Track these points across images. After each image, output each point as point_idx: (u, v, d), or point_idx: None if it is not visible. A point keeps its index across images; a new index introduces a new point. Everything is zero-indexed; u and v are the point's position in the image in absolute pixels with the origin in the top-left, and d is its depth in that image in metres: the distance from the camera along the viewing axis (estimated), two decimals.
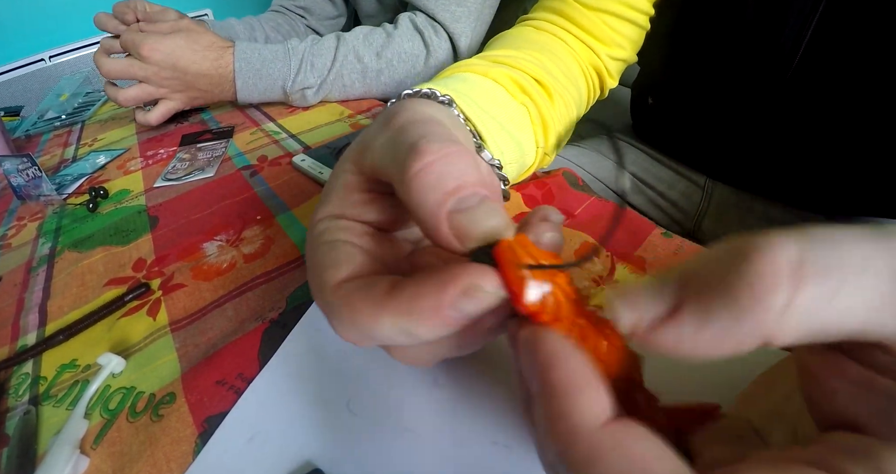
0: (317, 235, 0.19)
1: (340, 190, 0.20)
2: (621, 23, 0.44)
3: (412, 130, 0.17)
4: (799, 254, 0.11)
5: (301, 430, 0.23)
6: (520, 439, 0.21)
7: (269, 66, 0.61)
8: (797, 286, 0.11)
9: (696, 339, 0.12)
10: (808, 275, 0.11)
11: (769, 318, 0.11)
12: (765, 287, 0.11)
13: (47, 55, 1.57)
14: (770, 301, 0.11)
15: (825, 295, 0.11)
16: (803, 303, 0.11)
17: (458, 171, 0.15)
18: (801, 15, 0.39)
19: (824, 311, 0.11)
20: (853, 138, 0.41)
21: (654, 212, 0.58)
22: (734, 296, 0.11)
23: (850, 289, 0.11)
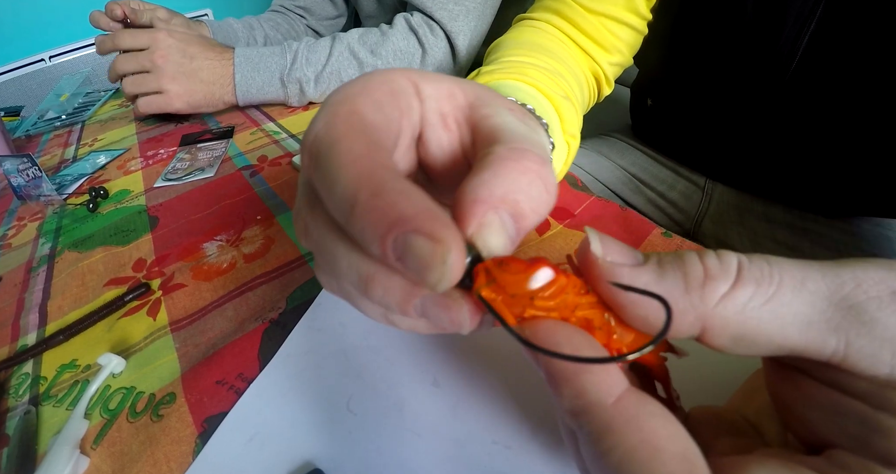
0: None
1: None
2: (621, 27, 0.44)
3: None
4: (740, 263, 0.13)
5: (301, 430, 0.23)
6: (520, 439, 0.21)
7: (266, 60, 0.62)
8: (737, 282, 0.12)
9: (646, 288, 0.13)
10: (746, 277, 0.12)
11: (709, 301, 0.12)
12: (710, 275, 0.12)
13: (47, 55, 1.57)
14: (714, 286, 0.12)
15: (760, 296, 0.12)
16: (740, 296, 0.12)
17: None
18: (799, 18, 0.39)
19: (757, 312, 0.12)
20: (852, 139, 0.41)
21: (653, 212, 0.58)
22: (685, 271, 0.13)
23: (785, 299, 0.12)
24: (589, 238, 0.14)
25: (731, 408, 0.17)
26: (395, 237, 0.11)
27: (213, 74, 0.62)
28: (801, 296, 0.12)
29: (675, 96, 0.53)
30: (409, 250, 0.11)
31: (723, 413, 0.17)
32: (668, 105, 0.55)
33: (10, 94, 1.51)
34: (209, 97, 0.63)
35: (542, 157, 0.14)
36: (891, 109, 0.37)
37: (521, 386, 0.23)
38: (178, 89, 0.61)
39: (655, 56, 0.51)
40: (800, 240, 0.48)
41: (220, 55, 0.63)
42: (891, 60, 0.36)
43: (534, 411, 0.22)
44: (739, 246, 0.52)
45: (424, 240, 0.11)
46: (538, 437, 0.21)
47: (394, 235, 0.11)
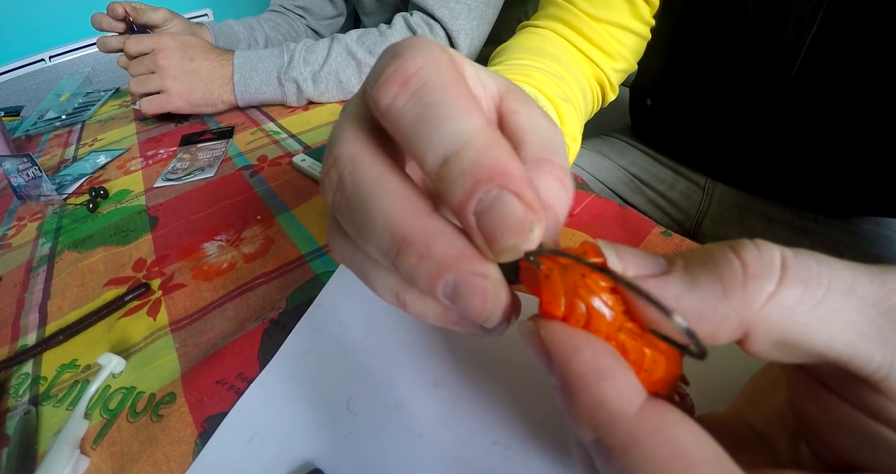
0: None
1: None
2: (626, 34, 0.44)
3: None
4: (784, 259, 0.11)
5: (301, 430, 0.23)
6: (520, 439, 0.21)
7: (264, 61, 0.63)
8: (784, 281, 0.11)
9: (678, 302, 0.12)
10: (793, 276, 0.11)
11: (752, 303, 0.11)
12: (753, 274, 0.11)
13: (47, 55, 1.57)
14: (758, 286, 0.11)
15: (808, 299, 0.11)
16: (787, 298, 0.11)
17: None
18: (800, 22, 0.39)
19: (806, 316, 0.11)
20: (852, 139, 0.41)
21: (654, 212, 0.58)
22: (720, 272, 0.11)
23: (834, 304, 0.11)
24: (604, 253, 0.13)
25: (735, 415, 0.16)
26: (493, 189, 0.11)
27: (212, 74, 0.63)
28: (850, 302, 0.11)
29: (676, 97, 0.53)
30: (498, 206, 0.11)
31: (726, 422, 0.16)
32: (667, 105, 0.55)
33: (10, 93, 1.51)
34: (208, 96, 0.64)
35: (563, 166, 0.15)
36: (891, 110, 0.37)
37: (522, 386, 0.23)
38: (178, 88, 0.63)
39: (656, 57, 0.51)
40: (800, 239, 0.48)
41: (220, 56, 0.64)
42: (891, 62, 0.36)
43: (534, 411, 0.22)
44: None
45: (518, 203, 0.11)
46: (538, 437, 0.21)
47: (493, 187, 0.11)
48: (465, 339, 0.26)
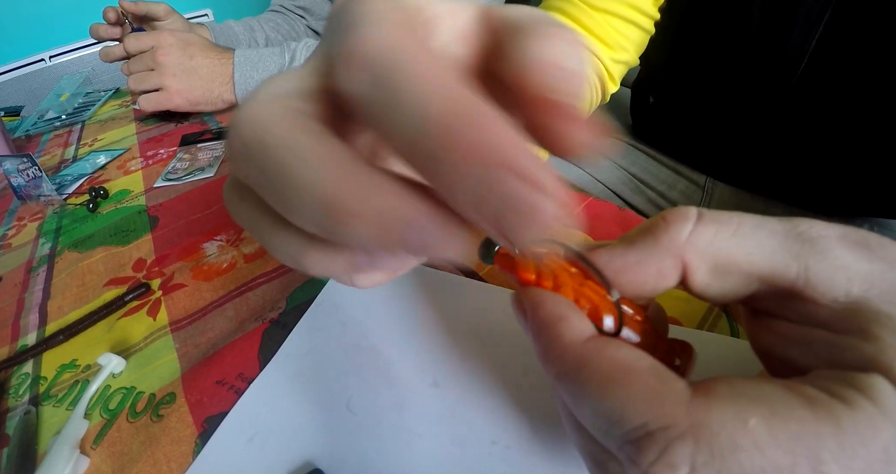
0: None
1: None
2: (626, 25, 0.43)
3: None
4: (700, 212, 0.15)
5: (301, 430, 0.23)
6: (520, 439, 0.21)
7: (265, 60, 0.63)
8: (699, 222, 0.14)
9: (623, 258, 0.15)
10: (707, 219, 0.14)
11: (678, 238, 0.14)
12: (673, 220, 0.15)
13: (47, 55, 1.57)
14: (677, 227, 0.14)
15: (724, 231, 0.14)
16: (706, 231, 0.14)
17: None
18: (807, 22, 0.39)
19: (726, 242, 0.14)
20: (855, 140, 0.41)
21: (654, 212, 0.58)
22: (650, 230, 0.15)
23: (748, 232, 0.14)
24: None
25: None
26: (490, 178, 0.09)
27: (211, 72, 0.63)
28: (761, 230, 0.14)
29: (679, 94, 0.53)
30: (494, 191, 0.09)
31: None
32: (670, 102, 0.55)
33: (10, 93, 1.51)
34: (207, 94, 0.64)
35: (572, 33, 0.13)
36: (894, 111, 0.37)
37: (522, 386, 0.23)
38: (177, 86, 0.62)
39: (659, 54, 0.51)
40: None
41: (220, 55, 0.64)
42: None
43: (534, 411, 0.22)
44: None
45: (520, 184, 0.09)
46: (538, 437, 0.21)
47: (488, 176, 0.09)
48: (465, 339, 0.26)
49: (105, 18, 0.69)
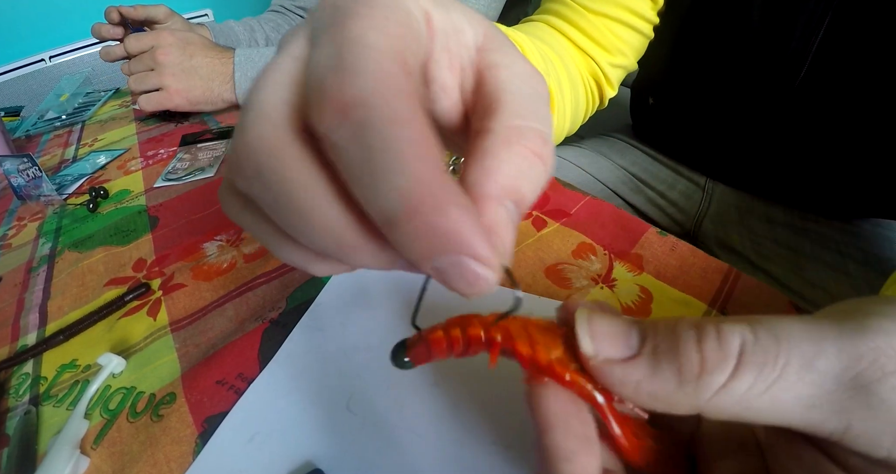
0: None
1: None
2: (624, 29, 0.43)
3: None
4: (743, 345, 0.12)
5: (301, 430, 0.23)
6: (520, 439, 0.21)
7: (266, 59, 0.63)
8: (736, 370, 0.12)
9: (638, 386, 0.13)
10: (747, 363, 0.12)
11: (703, 394, 0.12)
12: (707, 367, 0.12)
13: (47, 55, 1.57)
14: (707, 380, 0.12)
15: (760, 383, 0.11)
16: (737, 388, 0.12)
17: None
18: (808, 26, 0.38)
19: (756, 400, 0.12)
20: (857, 142, 0.41)
21: (654, 212, 0.58)
22: (680, 363, 0.12)
23: (787, 384, 0.11)
24: (579, 335, 0.14)
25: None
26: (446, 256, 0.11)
27: (212, 72, 0.63)
28: (806, 377, 0.11)
29: (678, 96, 0.53)
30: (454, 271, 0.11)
31: (736, 427, 0.16)
32: (670, 104, 0.55)
33: (10, 94, 1.51)
34: (208, 94, 0.64)
35: (542, 134, 0.14)
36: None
37: (522, 386, 0.23)
38: (177, 85, 0.62)
39: (659, 55, 0.51)
40: (800, 240, 0.48)
41: (221, 54, 0.64)
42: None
43: None
44: (740, 246, 0.52)
45: (475, 265, 0.11)
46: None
47: (446, 254, 0.11)
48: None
49: (107, 18, 0.69)
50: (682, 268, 0.29)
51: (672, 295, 0.28)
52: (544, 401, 0.14)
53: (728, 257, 0.52)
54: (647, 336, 0.13)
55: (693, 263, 0.30)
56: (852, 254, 0.44)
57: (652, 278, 0.29)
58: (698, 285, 0.28)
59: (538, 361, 0.14)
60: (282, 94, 0.12)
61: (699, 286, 0.28)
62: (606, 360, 0.13)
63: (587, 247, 0.32)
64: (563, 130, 0.43)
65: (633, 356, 0.13)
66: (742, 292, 0.27)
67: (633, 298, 0.28)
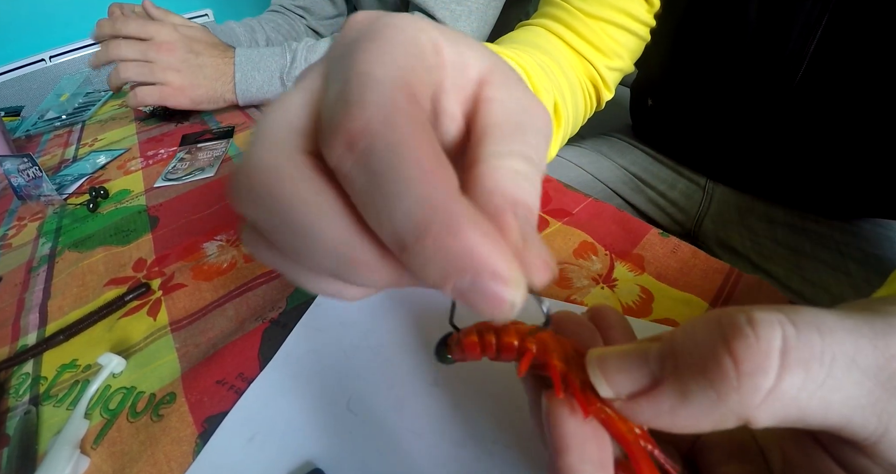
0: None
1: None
2: (621, 33, 0.43)
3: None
4: (785, 340, 0.11)
5: (301, 430, 0.23)
6: (520, 439, 0.21)
7: (266, 60, 0.63)
8: (783, 372, 0.11)
9: (673, 415, 0.12)
10: (795, 361, 0.11)
11: (752, 402, 0.11)
12: (748, 372, 0.11)
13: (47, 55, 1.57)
14: (754, 384, 0.11)
15: (811, 383, 0.11)
16: (789, 389, 0.11)
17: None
18: (805, 27, 0.38)
19: (808, 400, 0.11)
20: (856, 142, 0.41)
21: (654, 211, 0.58)
22: (710, 376, 0.11)
23: (836, 382, 0.11)
24: (594, 381, 0.13)
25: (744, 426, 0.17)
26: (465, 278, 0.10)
27: (216, 71, 0.62)
28: (851, 375, 0.11)
29: (677, 98, 0.53)
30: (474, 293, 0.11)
31: (735, 431, 0.16)
32: (669, 106, 0.55)
33: (10, 93, 1.51)
34: (211, 93, 0.63)
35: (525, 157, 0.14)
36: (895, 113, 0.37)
37: (522, 385, 0.23)
38: (182, 83, 0.61)
39: (657, 57, 0.51)
40: (801, 240, 0.48)
41: (223, 53, 0.63)
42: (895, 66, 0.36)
43: None
44: (740, 246, 0.52)
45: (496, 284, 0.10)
46: (539, 437, 0.21)
47: (465, 276, 0.10)
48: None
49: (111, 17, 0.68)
50: (683, 270, 0.29)
51: (673, 294, 0.28)
52: (563, 422, 0.13)
53: (728, 257, 0.52)
54: (665, 354, 0.12)
55: (694, 265, 0.30)
56: (852, 254, 0.44)
57: (653, 279, 0.29)
58: (699, 284, 0.28)
59: (570, 380, 0.14)
60: (290, 121, 0.13)
61: (700, 285, 0.28)
62: (630, 397, 0.12)
63: (588, 246, 0.32)
64: (565, 139, 0.43)
65: (657, 383, 0.12)
66: (743, 292, 0.27)
67: (634, 298, 0.28)
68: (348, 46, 0.13)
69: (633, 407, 0.12)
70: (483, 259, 0.10)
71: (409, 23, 0.13)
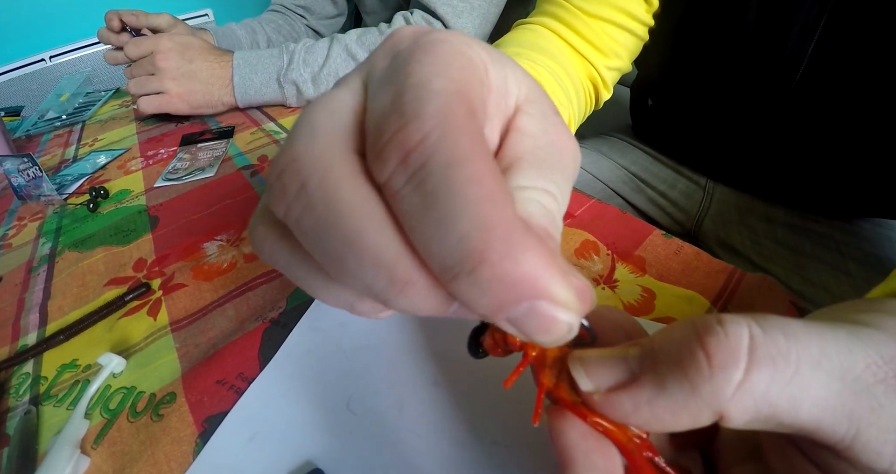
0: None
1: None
2: (620, 32, 0.43)
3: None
4: (752, 338, 0.11)
5: (301, 430, 0.23)
6: (520, 439, 0.21)
7: (264, 62, 0.63)
8: (751, 366, 0.11)
9: (651, 408, 0.12)
10: (762, 358, 0.11)
11: (724, 394, 0.11)
12: (719, 365, 0.11)
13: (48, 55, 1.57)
14: (726, 376, 0.11)
15: (779, 379, 0.11)
16: (758, 383, 0.11)
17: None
18: (804, 28, 0.38)
19: (777, 396, 0.11)
20: (856, 142, 0.41)
21: (654, 211, 0.58)
22: (685, 367, 0.11)
23: (803, 381, 0.11)
24: (575, 375, 0.13)
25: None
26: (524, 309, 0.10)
27: (211, 75, 0.63)
28: (818, 377, 0.11)
29: (677, 98, 0.53)
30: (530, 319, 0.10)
31: (749, 434, 0.16)
32: (669, 106, 0.55)
33: (10, 93, 1.51)
34: (208, 98, 0.64)
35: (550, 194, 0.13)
36: (894, 113, 0.37)
37: (523, 385, 0.23)
38: (178, 89, 0.62)
39: (656, 57, 0.51)
40: (801, 240, 0.48)
41: (220, 58, 0.64)
42: (894, 66, 0.36)
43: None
44: (740, 245, 0.52)
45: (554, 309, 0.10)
46: (539, 437, 0.21)
47: (522, 303, 0.10)
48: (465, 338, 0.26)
49: (108, 25, 0.69)
50: (685, 273, 0.29)
51: (675, 292, 0.28)
52: (566, 433, 0.13)
53: (728, 257, 0.52)
54: (645, 352, 0.13)
55: (697, 267, 0.29)
56: (852, 254, 0.44)
57: (654, 280, 0.29)
58: (702, 282, 0.28)
59: (560, 397, 0.14)
60: (340, 118, 0.12)
61: (704, 283, 0.28)
62: (609, 390, 0.13)
63: (591, 245, 0.32)
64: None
65: (634, 379, 0.12)
66: (745, 291, 0.27)
67: (636, 297, 0.28)
68: (397, 58, 0.12)
69: (612, 399, 0.13)
70: (544, 285, 0.10)
71: (459, 38, 0.13)
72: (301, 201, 0.11)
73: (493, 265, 0.10)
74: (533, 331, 0.10)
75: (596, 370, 0.13)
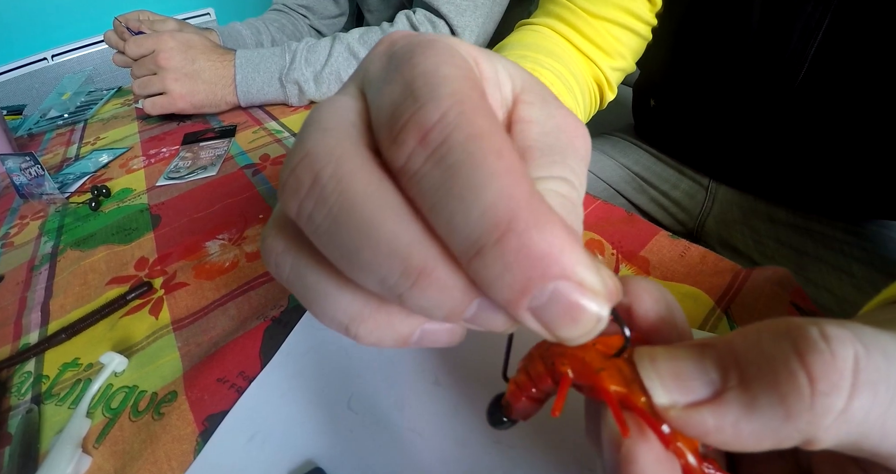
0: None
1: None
2: (624, 32, 0.43)
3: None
4: (857, 360, 0.10)
5: (302, 429, 0.23)
6: (521, 439, 0.21)
7: (266, 61, 0.63)
8: (854, 392, 0.10)
9: (737, 430, 0.11)
10: (865, 383, 0.10)
11: (822, 422, 0.10)
12: (820, 389, 0.10)
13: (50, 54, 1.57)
14: (828, 403, 0.10)
15: (877, 407, 0.10)
16: (858, 411, 0.10)
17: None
18: (806, 29, 0.38)
19: (872, 425, 0.10)
20: (858, 144, 0.40)
21: (657, 211, 0.58)
22: (783, 390, 0.10)
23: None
24: (648, 384, 0.12)
25: None
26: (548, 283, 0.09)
27: (214, 75, 0.63)
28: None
29: (679, 98, 0.53)
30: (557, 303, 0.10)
31: None
32: (671, 106, 0.55)
33: (12, 92, 1.52)
34: (211, 97, 0.64)
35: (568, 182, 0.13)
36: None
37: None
38: (180, 90, 0.62)
39: (659, 57, 0.50)
40: (803, 240, 0.47)
41: (222, 57, 0.64)
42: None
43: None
44: (743, 246, 0.51)
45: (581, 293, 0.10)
46: (540, 437, 0.21)
47: (548, 281, 0.09)
48: (466, 338, 0.26)
49: (117, 31, 0.70)
50: (689, 274, 0.29)
51: (679, 289, 0.28)
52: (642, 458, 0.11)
53: (731, 257, 0.52)
54: (727, 362, 0.11)
55: (702, 270, 0.29)
56: (856, 255, 0.44)
57: (657, 280, 0.29)
58: (707, 280, 0.28)
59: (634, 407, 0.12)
60: (347, 115, 0.12)
61: (709, 282, 0.28)
62: (690, 406, 0.11)
63: (596, 244, 0.32)
64: None
65: (719, 393, 0.11)
66: (748, 290, 0.27)
67: None
68: (395, 56, 0.12)
69: (693, 417, 0.11)
70: (569, 262, 0.09)
71: (447, 39, 0.13)
72: (314, 194, 0.11)
73: (520, 235, 0.09)
74: (558, 322, 0.10)
75: (673, 380, 0.12)
